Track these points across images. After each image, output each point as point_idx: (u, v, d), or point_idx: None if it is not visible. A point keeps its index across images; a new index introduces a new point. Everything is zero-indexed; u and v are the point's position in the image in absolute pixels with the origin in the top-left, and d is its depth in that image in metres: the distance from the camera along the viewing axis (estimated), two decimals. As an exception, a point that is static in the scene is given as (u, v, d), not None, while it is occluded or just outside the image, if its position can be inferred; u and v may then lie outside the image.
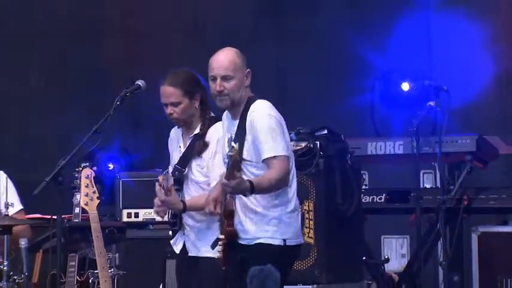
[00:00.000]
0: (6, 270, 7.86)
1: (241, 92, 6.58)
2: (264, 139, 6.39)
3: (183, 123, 7.25)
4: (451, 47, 9.74)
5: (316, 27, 9.94)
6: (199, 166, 7.17)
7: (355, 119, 9.49)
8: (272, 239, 6.43)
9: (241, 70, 6.56)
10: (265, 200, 6.45)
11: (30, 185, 7.23)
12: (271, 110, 6.49)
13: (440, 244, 8.17)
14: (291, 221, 6.48)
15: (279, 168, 6.39)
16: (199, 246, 7.18)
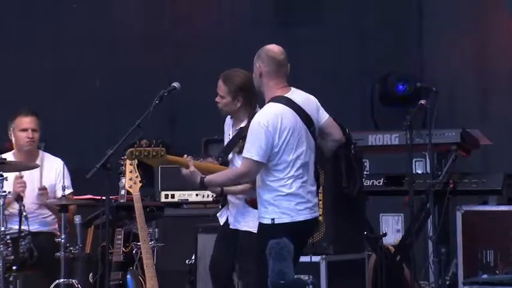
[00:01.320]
0: (63, 242, 7.96)
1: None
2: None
3: (227, 113, 7.27)
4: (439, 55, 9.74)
5: (324, 35, 9.92)
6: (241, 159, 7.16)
7: (358, 115, 9.50)
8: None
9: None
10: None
11: (83, 171, 7.35)
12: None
13: (430, 221, 8.18)
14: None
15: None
16: (240, 220, 7.21)
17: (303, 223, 6.53)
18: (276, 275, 6.06)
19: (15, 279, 7.93)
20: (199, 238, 8.09)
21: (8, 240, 7.75)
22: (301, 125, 6.60)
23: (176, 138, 9.10)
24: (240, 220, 7.17)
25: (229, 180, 6.74)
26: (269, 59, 6.64)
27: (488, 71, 9.74)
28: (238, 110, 7.23)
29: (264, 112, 6.57)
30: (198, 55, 9.72)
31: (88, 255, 8.44)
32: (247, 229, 7.15)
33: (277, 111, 6.54)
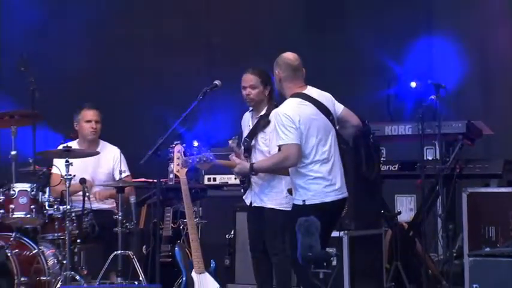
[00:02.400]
0: (120, 219, 8.02)
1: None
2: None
3: (254, 104, 7.33)
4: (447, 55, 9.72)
5: (347, 38, 9.91)
6: (263, 138, 7.25)
7: (376, 109, 9.49)
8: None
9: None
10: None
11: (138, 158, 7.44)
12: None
13: (439, 201, 8.21)
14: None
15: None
16: (263, 198, 7.27)
17: (331, 204, 6.59)
18: (305, 249, 6.07)
19: (79, 251, 8.01)
20: (237, 216, 8.15)
21: (73, 217, 7.82)
22: (320, 115, 6.66)
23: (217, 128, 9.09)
24: (264, 199, 7.25)
25: (274, 164, 6.76)
26: (286, 65, 6.73)
27: (490, 69, 9.71)
28: (263, 100, 7.30)
29: (285, 105, 6.65)
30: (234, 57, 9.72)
31: (142, 230, 8.49)
32: (272, 206, 7.23)
33: (296, 104, 6.63)
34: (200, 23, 10.26)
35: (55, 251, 7.90)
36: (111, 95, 9.83)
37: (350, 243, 7.50)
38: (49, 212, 7.80)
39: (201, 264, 7.53)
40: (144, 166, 7.45)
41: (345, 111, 6.87)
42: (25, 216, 7.71)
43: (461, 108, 9.08)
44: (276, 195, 7.22)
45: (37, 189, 7.75)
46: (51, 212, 7.81)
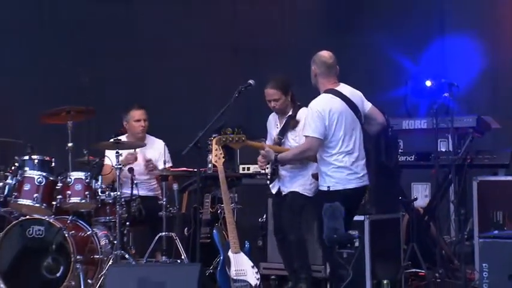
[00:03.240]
0: (164, 204, 8.08)
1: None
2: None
3: (281, 111, 7.40)
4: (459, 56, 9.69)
5: (367, 40, 9.89)
6: (293, 135, 7.30)
7: (395, 105, 9.46)
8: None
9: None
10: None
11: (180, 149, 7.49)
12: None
13: (452, 189, 8.18)
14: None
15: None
16: (288, 186, 7.33)
17: (353, 190, 6.63)
18: (330, 231, 6.10)
19: (128, 233, 8.06)
20: (268, 202, 8.13)
21: (123, 202, 7.89)
22: (348, 110, 6.69)
23: (251, 126, 9.11)
24: (288, 186, 7.36)
25: (296, 155, 6.83)
26: (321, 62, 6.75)
27: (498, 69, 9.66)
28: (287, 105, 7.36)
29: (317, 100, 6.68)
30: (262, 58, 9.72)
31: (183, 214, 8.52)
32: (295, 190, 7.29)
33: (327, 100, 6.65)
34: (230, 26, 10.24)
35: (107, 233, 7.98)
36: (158, 94, 9.87)
37: (371, 226, 7.48)
38: (101, 198, 7.86)
39: (237, 245, 7.54)
40: (186, 157, 7.55)
41: (372, 109, 6.89)
42: (80, 202, 7.78)
43: (472, 104, 9.05)
44: (302, 181, 7.30)
45: (91, 177, 7.81)
46: (103, 197, 7.87)
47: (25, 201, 7.72)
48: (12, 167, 7.85)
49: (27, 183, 7.72)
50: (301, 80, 7.39)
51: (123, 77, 9.91)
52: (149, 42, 10.10)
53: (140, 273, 6.68)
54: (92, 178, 7.82)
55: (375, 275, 7.48)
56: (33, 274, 7.55)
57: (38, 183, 7.73)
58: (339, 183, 6.61)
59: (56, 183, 7.78)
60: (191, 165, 8.08)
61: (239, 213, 8.13)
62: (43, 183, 7.74)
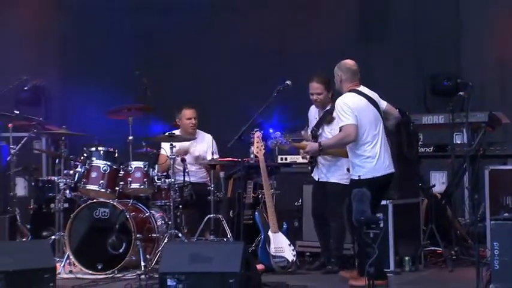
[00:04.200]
0: (212, 190, 8.11)
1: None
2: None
3: (321, 104, 7.38)
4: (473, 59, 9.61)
5: (390, 47, 9.81)
6: (329, 128, 7.30)
7: (416, 103, 9.44)
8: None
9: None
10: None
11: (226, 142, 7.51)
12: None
13: (466, 176, 8.11)
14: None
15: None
16: (328, 175, 7.32)
17: (381, 177, 6.68)
18: (358, 213, 6.08)
19: (181, 214, 8.10)
20: (304, 188, 8.12)
21: (176, 188, 7.93)
22: (370, 106, 6.74)
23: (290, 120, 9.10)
24: (328, 175, 7.34)
25: (337, 141, 6.82)
26: (347, 69, 6.80)
27: (509, 69, 9.57)
28: (328, 101, 7.35)
29: (343, 96, 6.76)
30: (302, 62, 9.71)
31: (229, 199, 8.53)
32: (334, 181, 7.28)
33: (352, 96, 6.74)
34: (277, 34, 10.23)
35: (162, 214, 8.02)
36: (208, 94, 9.87)
37: (394, 209, 7.45)
38: (157, 184, 7.90)
39: (276, 225, 7.60)
40: (231, 148, 7.64)
41: (388, 106, 6.94)
42: (139, 187, 7.83)
43: (484, 101, 8.98)
44: (338, 172, 7.30)
45: (148, 166, 7.85)
46: (159, 183, 7.91)
47: (92, 187, 7.80)
48: (81, 157, 7.93)
49: (94, 171, 7.79)
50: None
51: (178, 78, 9.95)
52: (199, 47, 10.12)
53: (191, 249, 6.69)
54: (149, 167, 7.86)
55: (397, 252, 7.46)
56: (99, 250, 7.61)
57: (103, 171, 7.79)
58: (369, 172, 6.65)
59: (118, 171, 7.83)
60: (236, 155, 8.07)
61: (278, 197, 8.11)
62: (108, 171, 7.80)
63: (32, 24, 10.22)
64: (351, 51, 8.31)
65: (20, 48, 10.11)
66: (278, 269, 7.50)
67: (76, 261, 7.59)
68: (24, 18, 10.20)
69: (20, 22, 10.19)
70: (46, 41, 10.37)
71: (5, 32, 10.14)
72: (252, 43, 10.07)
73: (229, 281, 6.30)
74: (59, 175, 8.05)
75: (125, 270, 7.51)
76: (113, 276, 7.41)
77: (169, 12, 10.18)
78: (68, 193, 7.95)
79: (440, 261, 7.80)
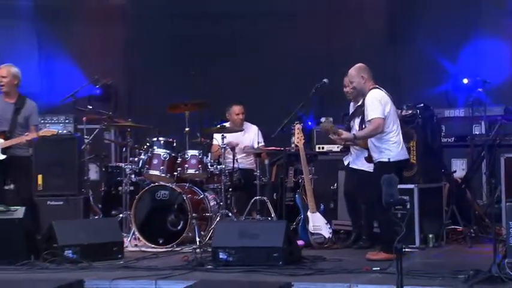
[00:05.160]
0: (258, 175, 8.11)
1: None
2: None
3: (353, 96, 7.30)
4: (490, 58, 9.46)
5: (416, 48, 9.68)
6: (359, 121, 7.23)
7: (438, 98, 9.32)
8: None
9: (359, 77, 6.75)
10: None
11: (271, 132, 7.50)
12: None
13: (484, 163, 8.03)
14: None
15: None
16: (357, 162, 7.26)
17: (403, 161, 6.73)
18: (387, 196, 6.00)
19: (231, 196, 8.13)
20: (338, 173, 8.08)
21: (227, 173, 7.96)
22: (391, 101, 6.77)
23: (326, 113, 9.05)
24: (357, 162, 7.26)
25: (368, 133, 6.79)
26: (368, 71, 6.85)
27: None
28: (360, 93, 7.24)
29: (373, 92, 6.74)
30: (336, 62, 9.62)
31: (273, 183, 8.52)
32: (363, 168, 7.21)
33: (379, 92, 6.74)
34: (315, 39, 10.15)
35: (215, 196, 8.03)
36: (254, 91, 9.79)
37: (419, 192, 7.37)
38: (210, 170, 7.93)
39: (314, 206, 7.58)
40: (275, 139, 7.65)
41: None
42: (194, 172, 7.86)
43: (501, 96, 8.84)
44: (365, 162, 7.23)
45: (202, 154, 7.88)
46: (212, 169, 7.93)
47: (154, 172, 7.85)
48: (145, 146, 7.99)
49: (155, 159, 7.84)
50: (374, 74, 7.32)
51: (229, 77, 9.93)
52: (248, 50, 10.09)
53: (240, 227, 6.75)
54: (203, 155, 7.89)
55: (422, 230, 7.40)
56: (160, 227, 7.65)
57: (164, 158, 7.83)
58: (396, 156, 6.69)
59: (176, 159, 7.86)
60: (279, 145, 8.08)
61: (315, 182, 8.08)
62: (167, 159, 7.84)
63: (100, 32, 10.34)
64: (381, 52, 8.26)
65: (91, 53, 10.23)
66: (316, 245, 7.48)
67: (140, 236, 7.66)
68: (94, 28, 10.32)
69: (91, 31, 10.31)
70: (113, 46, 10.47)
71: (80, 40, 10.26)
72: (290, 47, 10.01)
73: (273, 254, 6.35)
74: (125, 162, 8.15)
75: (182, 244, 7.54)
76: (172, 249, 7.45)
77: (219, 18, 10.16)
78: (133, 177, 8.03)
79: (460, 238, 7.72)
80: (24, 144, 7.35)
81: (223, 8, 10.08)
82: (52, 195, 7.87)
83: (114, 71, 10.20)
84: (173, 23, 10.28)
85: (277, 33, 10.07)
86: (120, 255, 6.96)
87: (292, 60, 9.97)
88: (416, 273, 5.82)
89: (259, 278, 5.97)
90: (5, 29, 10.18)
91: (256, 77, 10.01)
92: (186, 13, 10.29)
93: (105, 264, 6.61)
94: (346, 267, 6.25)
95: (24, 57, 9.45)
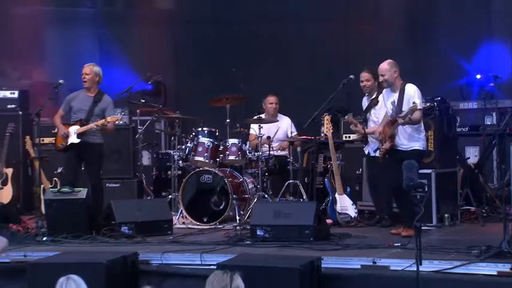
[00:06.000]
0: (290, 161, 8.06)
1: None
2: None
3: (369, 91, 7.24)
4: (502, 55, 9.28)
5: (435, 47, 9.50)
6: (375, 112, 7.16)
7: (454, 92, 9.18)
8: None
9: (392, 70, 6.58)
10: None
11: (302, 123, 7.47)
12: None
13: (495, 151, 7.93)
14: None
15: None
16: (375, 150, 7.20)
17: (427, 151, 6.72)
18: (408, 180, 5.94)
19: (267, 180, 8.07)
20: (363, 160, 7.94)
21: (263, 160, 7.92)
22: None
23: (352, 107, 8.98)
24: (377, 151, 7.14)
25: (417, 120, 6.57)
26: (398, 66, 6.64)
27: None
28: (374, 89, 7.19)
29: (413, 85, 6.59)
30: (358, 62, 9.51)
31: (304, 168, 8.44)
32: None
33: None
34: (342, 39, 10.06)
35: (253, 180, 8.03)
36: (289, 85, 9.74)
37: (436, 177, 7.27)
38: (248, 156, 7.92)
39: (341, 189, 7.55)
40: (306, 129, 7.60)
41: None
42: (235, 159, 7.86)
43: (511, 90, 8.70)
44: None
45: (241, 142, 7.88)
46: (250, 156, 7.92)
47: (199, 158, 7.86)
48: (191, 135, 8.01)
49: (200, 146, 7.85)
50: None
51: (264, 75, 9.89)
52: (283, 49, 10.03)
53: (275, 207, 6.76)
54: (242, 143, 7.89)
55: (439, 210, 7.31)
56: (205, 207, 7.68)
57: (207, 146, 7.85)
58: (425, 145, 6.70)
59: (218, 147, 7.87)
60: (310, 134, 8.01)
61: (342, 167, 8.01)
62: (210, 146, 7.85)
63: (152, 35, 10.40)
64: (402, 52, 8.17)
65: (144, 53, 10.31)
66: (343, 223, 7.45)
67: (187, 215, 7.70)
68: (146, 31, 10.39)
69: (144, 34, 10.38)
70: (163, 47, 10.52)
71: (135, 41, 10.33)
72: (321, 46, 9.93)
73: (305, 231, 6.36)
74: (173, 149, 8.18)
75: (224, 222, 7.57)
76: (215, 227, 7.48)
77: (254, 23, 10.13)
78: (181, 163, 8.05)
79: (473, 217, 7.62)
80: (98, 132, 7.36)
81: (257, 13, 10.06)
82: (110, 178, 8.04)
83: (164, 69, 10.25)
84: (214, 26, 10.31)
85: (305, 35, 10.00)
86: (169, 232, 7.02)
87: (318, 59, 9.88)
88: (433, 248, 5.81)
89: (292, 252, 5.98)
90: (70, 31, 10.33)
91: (289, 74, 9.97)
92: (225, 17, 10.29)
93: (157, 239, 6.68)
94: (370, 243, 6.24)
95: (86, 56, 9.56)
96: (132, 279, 5.71)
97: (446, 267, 5.40)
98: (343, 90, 7.52)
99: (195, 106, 9.43)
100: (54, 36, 10.23)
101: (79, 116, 7.36)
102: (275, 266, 5.30)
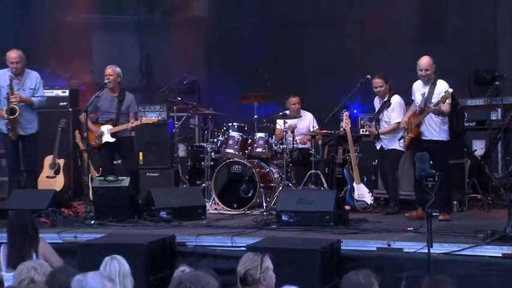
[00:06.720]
0: (312, 153, 8.00)
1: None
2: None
3: (382, 95, 7.20)
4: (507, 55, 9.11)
5: (443, 48, 9.29)
6: (387, 113, 7.10)
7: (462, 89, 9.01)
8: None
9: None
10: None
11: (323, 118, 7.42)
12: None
13: (500, 144, 7.81)
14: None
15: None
16: (388, 145, 7.16)
17: None
18: (420, 170, 5.88)
19: (291, 170, 8.02)
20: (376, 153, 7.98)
21: (288, 151, 7.88)
22: None
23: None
24: (388, 145, 7.17)
25: (446, 113, 6.62)
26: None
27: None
28: (386, 92, 7.15)
29: (444, 81, 6.67)
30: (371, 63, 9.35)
31: (325, 159, 8.40)
32: (392, 147, 7.11)
33: None
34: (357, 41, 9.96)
35: (278, 170, 7.99)
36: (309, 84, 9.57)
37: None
38: (274, 149, 7.89)
39: (358, 179, 7.52)
40: (327, 123, 7.57)
41: None
42: (262, 151, 7.83)
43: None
44: (392, 142, 7.15)
45: (268, 136, 7.86)
46: (276, 148, 7.89)
47: (230, 150, 7.86)
48: (222, 129, 8.02)
49: (230, 140, 7.85)
50: (405, 72, 7.27)
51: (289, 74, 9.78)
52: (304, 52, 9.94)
53: (298, 195, 6.79)
54: (269, 137, 7.87)
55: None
56: (235, 194, 7.69)
57: (237, 139, 7.84)
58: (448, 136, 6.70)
59: (247, 140, 7.86)
60: (330, 128, 7.99)
61: (360, 159, 7.91)
62: (240, 140, 7.85)
63: (187, 39, 10.43)
64: (412, 52, 8.07)
65: (179, 55, 10.34)
66: (360, 209, 7.43)
67: (219, 202, 7.73)
68: (182, 35, 10.40)
69: (180, 38, 10.39)
70: (197, 50, 10.52)
71: (171, 45, 10.35)
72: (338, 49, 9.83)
73: (326, 217, 6.39)
74: (206, 142, 8.20)
75: (252, 208, 7.58)
76: (244, 212, 7.50)
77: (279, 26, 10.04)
78: (213, 155, 8.06)
79: (479, 204, 7.55)
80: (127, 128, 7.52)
81: (281, 18, 10.00)
82: (150, 168, 8.13)
83: (198, 69, 10.28)
84: (243, 30, 10.28)
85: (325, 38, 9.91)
86: (203, 217, 7.07)
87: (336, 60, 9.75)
88: (443, 232, 5.82)
89: (314, 235, 5.99)
90: (113, 37, 10.44)
91: (311, 75, 9.88)
92: (252, 21, 10.25)
93: (192, 223, 6.74)
94: (385, 228, 6.25)
95: (129, 60, 9.64)
96: (170, 259, 5.81)
97: (455, 250, 5.44)
98: (360, 88, 7.45)
99: (225, 103, 9.43)
100: (101, 40, 10.36)
101: (108, 116, 7.51)
102: (299, 248, 5.39)
